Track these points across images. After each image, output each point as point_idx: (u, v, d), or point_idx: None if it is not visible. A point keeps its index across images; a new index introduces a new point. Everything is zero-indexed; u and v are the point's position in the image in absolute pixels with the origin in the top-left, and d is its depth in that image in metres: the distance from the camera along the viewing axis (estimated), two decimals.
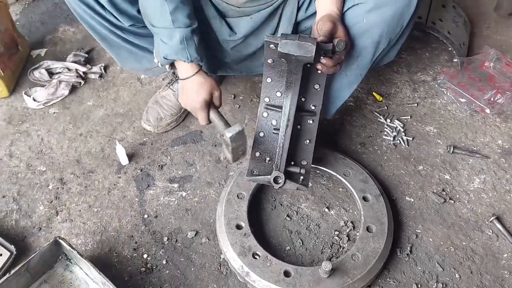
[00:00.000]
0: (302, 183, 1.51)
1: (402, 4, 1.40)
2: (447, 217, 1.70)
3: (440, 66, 2.21)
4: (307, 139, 1.55)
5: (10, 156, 1.88)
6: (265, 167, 1.54)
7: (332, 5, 1.45)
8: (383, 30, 1.45)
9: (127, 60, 1.78)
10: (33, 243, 1.62)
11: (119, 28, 1.60)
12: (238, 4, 1.60)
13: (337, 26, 1.39)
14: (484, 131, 1.96)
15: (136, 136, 1.95)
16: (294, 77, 1.40)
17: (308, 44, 1.27)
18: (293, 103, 1.45)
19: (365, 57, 1.52)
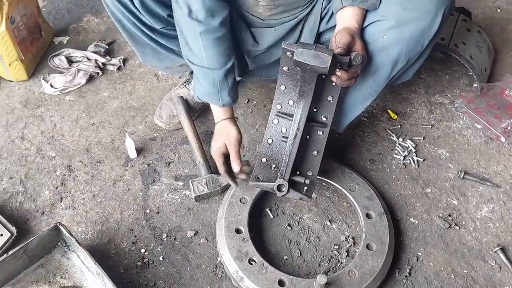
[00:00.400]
0: (305, 194, 1.50)
1: (424, 25, 1.38)
2: (450, 243, 1.67)
3: (459, 90, 2.19)
4: (315, 150, 1.53)
5: (22, 139, 1.90)
6: (270, 174, 1.54)
7: (352, 19, 1.44)
8: (402, 49, 1.43)
9: (150, 58, 1.80)
10: (34, 227, 1.64)
11: (150, 28, 1.62)
12: (263, 16, 1.61)
13: (356, 40, 1.38)
14: (497, 159, 1.93)
15: (147, 131, 1.96)
16: (308, 87, 1.39)
17: (325, 55, 1.26)
18: (304, 113, 1.44)
19: (382, 74, 1.51)
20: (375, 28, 1.44)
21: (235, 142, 1.59)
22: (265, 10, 1.58)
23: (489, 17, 2.63)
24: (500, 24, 2.59)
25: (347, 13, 1.45)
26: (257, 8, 1.59)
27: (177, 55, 1.75)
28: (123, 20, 1.59)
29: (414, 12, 1.37)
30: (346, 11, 1.46)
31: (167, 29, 1.61)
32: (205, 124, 2.00)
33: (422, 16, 1.37)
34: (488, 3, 2.73)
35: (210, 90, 1.57)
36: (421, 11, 1.37)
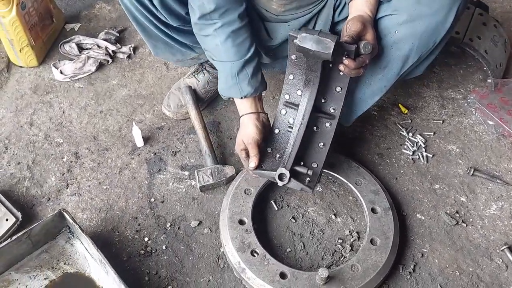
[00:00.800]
0: (307, 185, 1.48)
1: (437, 20, 1.35)
2: (457, 240, 1.65)
3: (472, 85, 2.14)
4: (322, 142, 1.51)
5: (30, 125, 1.91)
6: (273, 163, 1.52)
7: (365, 7, 1.41)
8: (414, 45, 1.40)
9: (162, 51, 1.80)
10: (40, 212, 1.65)
11: (165, 24, 1.61)
12: (277, 12, 1.59)
13: (367, 28, 1.34)
14: (509, 156, 1.89)
15: (154, 120, 1.96)
16: (313, 75, 1.37)
17: (327, 41, 1.23)
18: (310, 102, 1.42)
19: (392, 70, 1.48)
20: (387, 23, 1.41)
21: (251, 141, 1.52)
22: (279, 6, 1.56)
23: (508, 11, 2.57)
24: None
25: (361, 1, 1.42)
26: (271, 4, 1.57)
27: (189, 49, 1.75)
28: (138, 15, 1.58)
29: (427, 6, 1.33)
30: (359, 0, 1.42)
31: (183, 26, 1.61)
32: (212, 114, 1.99)
33: (435, 11, 1.33)
34: None
35: (229, 82, 1.54)
36: (435, 6, 1.33)
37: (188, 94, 1.90)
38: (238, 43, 1.49)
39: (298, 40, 1.26)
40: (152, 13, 1.55)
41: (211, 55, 1.55)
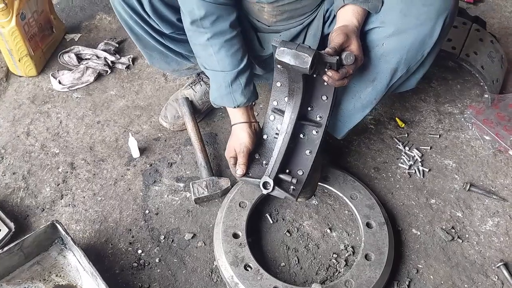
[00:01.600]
0: (291, 193, 1.47)
1: (424, 33, 1.35)
2: (452, 256, 1.64)
3: (469, 100, 2.14)
4: (308, 149, 1.50)
5: (27, 135, 1.92)
6: (260, 170, 1.52)
7: (352, 16, 1.39)
8: (402, 57, 1.40)
9: (158, 60, 1.80)
10: (33, 223, 1.65)
11: (159, 33, 1.62)
12: (268, 23, 1.60)
13: (351, 39, 1.33)
14: (505, 172, 1.88)
15: (151, 131, 1.96)
16: (296, 86, 1.37)
17: (305, 55, 1.22)
18: (294, 111, 1.42)
19: (381, 82, 1.48)
20: (375, 35, 1.41)
21: (243, 149, 1.53)
22: (270, 16, 1.57)
23: (505, 27, 2.58)
24: None
25: (348, 11, 1.41)
26: (263, 14, 1.58)
27: (185, 58, 1.75)
28: (131, 23, 1.59)
29: (414, 19, 1.34)
30: (347, 9, 1.41)
31: (176, 34, 1.61)
32: (209, 126, 1.99)
33: (422, 23, 1.34)
34: (505, 13, 2.68)
35: (222, 92, 1.56)
36: (422, 18, 1.33)
37: (185, 106, 1.90)
38: (231, 53, 1.50)
39: (277, 55, 1.26)
40: (145, 21, 1.56)
41: (204, 64, 1.57)
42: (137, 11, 1.53)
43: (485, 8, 2.70)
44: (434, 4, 1.34)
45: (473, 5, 2.69)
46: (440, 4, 1.34)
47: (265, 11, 1.55)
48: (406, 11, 1.35)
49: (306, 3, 1.53)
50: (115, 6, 1.56)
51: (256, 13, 1.58)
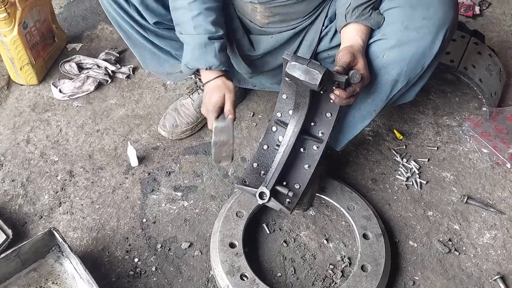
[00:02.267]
0: (286, 206, 1.48)
1: (424, 45, 1.37)
2: (449, 268, 1.64)
3: (468, 113, 2.15)
4: (307, 164, 1.52)
5: (27, 142, 1.93)
6: (257, 179, 1.53)
7: (357, 35, 1.43)
8: (402, 69, 1.42)
9: (150, 61, 1.81)
10: (31, 230, 1.65)
11: (142, 26, 1.63)
12: (261, 24, 1.62)
13: (357, 59, 1.36)
14: (503, 185, 1.89)
15: (150, 140, 1.97)
16: (302, 100, 1.38)
17: (315, 72, 1.24)
18: (297, 125, 1.44)
19: (381, 94, 1.49)
20: (376, 47, 1.43)
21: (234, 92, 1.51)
22: (263, 17, 1.59)
23: (504, 41, 2.60)
24: None
25: (351, 30, 1.44)
26: (255, 15, 1.60)
27: (176, 59, 1.76)
28: (117, 18, 1.61)
29: (415, 32, 1.36)
30: (350, 28, 1.45)
31: (159, 28, 1.62)
32: (208, 135, 2.00)
33: (423, 36, 1.36)
34: (504, 27, 2.70)
35: (196, 53, 1.51)
36: (422, 31, 1.36)
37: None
38: (210, 20, 1.49)
39: (287, 68, 1.28)
40: (127, 13, 1.58)
41: (180, 29, 1.54)
42: (119, 4, 1.55)
43: (484, 22, 2.72)
44: (434, 17, 1.36)
45: (472, 19, 2.72)
46: (440, 18, 1.36)
47: (258, 11, 1.57)
48: (407, 24, 1.37)
49: (298, 8, 1.55)
50: (102, 2, 1.59)
51: (249, 13, 1.61)
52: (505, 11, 2.79)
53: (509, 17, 2.76)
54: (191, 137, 1.98)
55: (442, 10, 1.36)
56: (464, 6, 2.73)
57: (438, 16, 1.36)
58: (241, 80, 1.88)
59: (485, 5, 2.82)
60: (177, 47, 1.69)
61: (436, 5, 1.36)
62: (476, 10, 2.75)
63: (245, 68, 1.73)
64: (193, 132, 1.98)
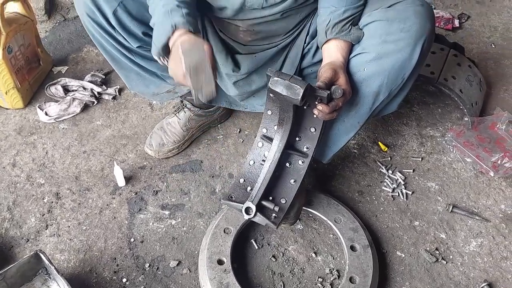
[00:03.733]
0: (272, 221, 1.48)
1: (403, 57, 1.40)
2: (437, 277, 1.64)
3: (450, 123, 2.19)
4: (293, 178, 1.53)
5: (13, 166, 1.92)
6: (243, 195, 1.53)
7: (337, 52, 1.47)
8: (383, 81, 1.45)
9: (136, 83, 1.82)
10: (18, 254, 1.64)
11: (128, 49, 1.64)
12: (244, 42, 1.64)
13: (339, 74, 1.39)
14: (487, 193, 1.91)
15: (137, 159, 1.97)
16: (286, 115, 1.41)
17: (297, 87, 1.27)
18: (282, 140, 1.45)
19: (364, 106, 1.52)
20: (356, 61, 1.46)
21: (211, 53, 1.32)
22: (246, 35, 1.62)
23: (484, 52, 2.66)
24: (494, 58, 2.61)
25: (332, 46, 1.48)
26: (238, 33, 1.63)
27: (161, 80, 1.78)
28: (102, 41, 1.61)
29: (393, 44, 1.39)
30: (331, 45, 1.49)
31: (143, 50, 1.64)
32: (195, 153, 2.01)
33: (401, 49, 1.39)
34: (483, 38, 2.76)
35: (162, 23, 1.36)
36: (401, 44, 1.39)
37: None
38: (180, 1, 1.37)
39: (270, 83, 1.30)
40: (112, 36, 1.58)
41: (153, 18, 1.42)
42: (104, 28, 1.56)
43: (464, 34, 2.78)
44: (411, 30, 1.39)
45: (452, 32, 2.78)
46: (417, 30, 1.39)
47: (240, 30, 1.60)
48: (385, 38, 1.40)
49: (280, 25, 1.59)
50: (86, 26, 1.59)
51: (232, 32, 1.63)
52: (483, 23, 2.86)
53: (488, 29, 2.82)
54: (178, 156, 1.99)
55: (419, 22, 1.40)
56: (443, 19, 2.79)
57: (415, 28, 1.39)
58: (232, 102, 1.89)
59: (464, 18, 2.88)
60: (162, 68, 1.70)
61: (413, 18, 1.40)
62: (455, 23, 2.81)
63: (233, 89, 1.74)
64: (179, 151, 1.99)
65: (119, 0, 1.52)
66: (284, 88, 1.28)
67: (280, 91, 1.29)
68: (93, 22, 1.55)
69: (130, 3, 1.53)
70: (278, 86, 1.29)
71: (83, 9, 1.54)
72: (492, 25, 2.85)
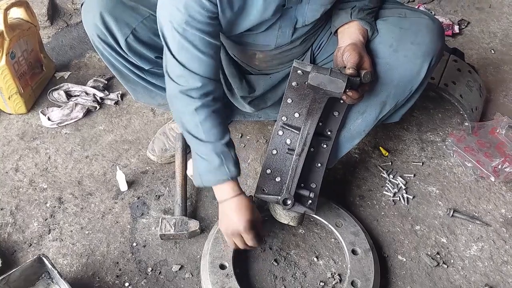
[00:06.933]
0: (309, 207, 1.52)
1: (412, 70, 1.41)
2: (438, 282, 1.65)
3: (450, 128, 2.20)
4: (319, 162, 1.56)
5: (16, 171, 1.93)
6: (274, 186, 1.55)
7: (358, 33, 1.43)
8: (390, 92, 1.46)
9: (142, 95, 1.83)
10: (21, 259, 1.65)
11: (139, 68, 1.64)
12: (259, 68, 1.65)
13: (364, 57, 1.38)
14: (488, 198, 1.92)
15: (139, 164, 1.98)
16: (318, 106, 1.42)
17: (339, 81, 1.28)
18: (311, 129, 1.47)
19: (370, 115, 1.53)
20: None
21: (260, 221, 1.50)
22: (262, 63, 1.63)
23: (484, 58, 2.68)
24: (493, 64, 2.62)
25: (353, 28, 1.45)
26: (254, 61, 1.63)
27: None
28: (112, 60, 1.61)
29: (402, 56, 1.39)
30: (352, 26, 1.46)
31: (156, 69, 1.64)
32: None
33: (410, 61, 1.40)
34: (482, 44, 2.78)
35: (214, 164, 1.42)
36: (410, 55, 1.39)
37: (180, 142, 1.91)
38: (217, 123, 1.44)
39: (310, 80, 1.32)
40: (125, 58, 1.58)
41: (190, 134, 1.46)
42: (115, 50, 1.55)
43: (464, 40, 2.80)
44: (422, 44, 1.39)
45: (452, 37, 2.80)
46: (428, 45, 1.40)
47: (256, 57, 1.60)
48: (396, 47, 1.40)
49: (297, 50, 1.59)
50: (95, 45, 1.58)
51: (247, 59, 1.64)
52: (483, 29, 2.88)
53: (488, 35, 2.84)
54: None
55: (430, 38, 1.40)
56: (443, 25, 2.81)
57: (425, 43, 1.40)
58: (246, 114, 1.90)
59: (464, 24, 2.90)
60: None
61: (425, 32, 1.40)
62: (455, 29, 2.83)
63: (248, 107, 1.76)
64: None
65: (132, 27, 1.50)
66: (326, 82, 1.30)
67: (323, 86, 1.30)
68: (104, 43, 1.54)
69: (144, 29, 1.52)
70: (319, 80, 1.30)
71: (93, 31, 1.52)
72: (492, 31, 2.87)
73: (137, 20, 1.51)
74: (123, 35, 1.50)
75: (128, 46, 1.52)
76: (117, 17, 1.49)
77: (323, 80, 1.30)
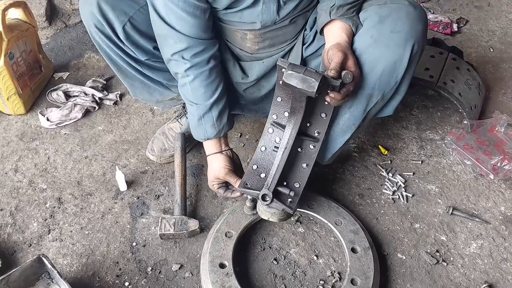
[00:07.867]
0: (288, 205, 1.51)
1: (394, 59, 1.41)
2: (437, 279, 1.65)
3: (449, 127, 2.20)
4: (305, 162, 1.56)
5: (15, 171, 1.94)
6: (258, 181, 1.56)
7: (342, 33, 1.44)
8: (375, 83, 1.46)
9: (140, 91, 1.83)
10: (21, 259, 1.65)
11: (135, 60, 1.65)
12: (251, 51, 1.66)
13: (348, 56, 1.38)
14: (487, 195, 1.92)
15: (138, 164, 1.98)
16: (299, 105, 1.42)
17: (312, 80, 1.27)
18: (294, 128, 1.47)
19: (357, 108, 1.53)
20: None
21: (223, 175, 1.64)
22: (253, 44, 1.63)
23: (482, 56, 2.68)
24: (492, 62, 2.63)
25: (335, 28, 1.46)
26: (245, 42, 1.63)
27: (166, 88, 1.79)
28: (109, 52, 1.62)
29: (383, 45, 1.39)
30: (334, 26, 1.46)
31: (152, 61, 1.65)
32: (196, 158, 2.02)
33: (391, 49, 1.39)
34: (481, 42, 2.78)
35: (194, 124, 1.63)
36: (390, 44, 1.39)
37: (179, 141, 1.90)
38: (206, 84, 1.56)
39: (284, 77, 1.31)
40: (121, 49, 1.60)
41: (181, 93, 1.64)
42: (112, 40, 1.57)
43: (462, 39, 2.81)
44: (402, 31, 1.39)
45: (451, 36, 2.80)
46: (407, 31, 1.39)
47: (247, 38, 1.61)
48: (376, 37, 1.41)
49: (287, 30, 1.60)
50: (93, 36, 1.60)
51: (239, 41, 1.64)
52: (482, 28, 2.88)
53: (486, 33, 2.84)
54: None
55: (409, 24, 1.40)
56: (442, 24, 2.82)
57: (405, 29, 1.39)
58: (244, 108, 1.91)
59: (462, 23, 2.91)
60: (169, 78, 1.71)
61: (404, 18, 1.40)
62: (454, 27, 2.83)
63: (244, 97, 1.78)
64: None
65: (129, 15, 1.53)
66: (299, 81, 1.28)
67: (295, 85, 1.29)
68: (101, 33, 1.55)
69: (141, 17, 1.55)
70: (293, 79, 1.29)
71: (91, 21, 1.54)
72: (490, 30, 2.87)
73: (134, 8, 1.55)
74: (120, 23, 1.53)
75: (126, 34, 1.55)
76: (114, 6, 1.52)
77: (297, 79, 1.29)
